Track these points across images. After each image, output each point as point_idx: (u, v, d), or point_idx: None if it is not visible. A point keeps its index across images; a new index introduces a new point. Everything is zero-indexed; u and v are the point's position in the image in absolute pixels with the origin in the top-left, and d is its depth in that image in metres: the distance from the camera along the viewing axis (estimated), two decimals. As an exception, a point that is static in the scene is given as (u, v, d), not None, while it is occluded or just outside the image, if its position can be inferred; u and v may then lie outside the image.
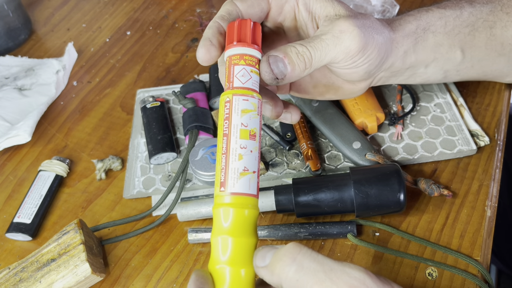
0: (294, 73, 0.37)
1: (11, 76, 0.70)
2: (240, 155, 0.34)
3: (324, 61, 0.39)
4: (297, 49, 0.38)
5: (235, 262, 0.32)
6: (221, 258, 0.33)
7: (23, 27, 0.77)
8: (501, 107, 0.56)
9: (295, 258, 0.30)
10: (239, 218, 0.33)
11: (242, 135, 0.34)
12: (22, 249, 0.52)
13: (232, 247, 0.33)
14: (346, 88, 0.47)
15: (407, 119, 0.55)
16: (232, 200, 0.33)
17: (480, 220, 0.47)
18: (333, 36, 0.39)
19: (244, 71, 0.36)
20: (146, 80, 0.68)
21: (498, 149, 0.52)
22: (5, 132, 0.61)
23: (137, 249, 0.50)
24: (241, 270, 0.32)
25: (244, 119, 0.35)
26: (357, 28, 0.39)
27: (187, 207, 0.50)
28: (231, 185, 0.34)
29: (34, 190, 0.54)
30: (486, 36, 0.47)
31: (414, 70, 0.47)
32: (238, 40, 0.37)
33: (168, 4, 0.81)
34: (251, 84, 0.36)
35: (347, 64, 0.41)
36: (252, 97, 0.35)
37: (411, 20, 0.46)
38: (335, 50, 0.39)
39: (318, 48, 0.38)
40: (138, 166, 0.56)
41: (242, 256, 0.33)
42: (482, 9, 0.47)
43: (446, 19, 0.46)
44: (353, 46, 0.39)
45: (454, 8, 0.47)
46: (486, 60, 0.49)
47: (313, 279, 0.29)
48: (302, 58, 0.37)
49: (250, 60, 0.37)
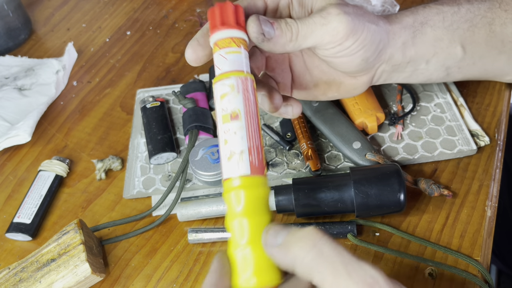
0: (280, 39, 0.38)
1: (11, 76, 0.70)
2: (225, 140, 0.34)
3: (310, 38, 0.39)
4: (286, 20, 0.39)
5: (254, 242, 0.32)
6: (239, 242, 0.32)
7: (23, 27, 0.77)
8: (501, 107, 0.56)
9: (316, 244, 0.29)
10: (234, 201, 0.33)
11: (224, 120, 0.34)
12: (22, 249, 0.52)
13: (249, 227, 0.32)
14: (348, 83, 0.47)
15: (407, 119, 0.55)
16: (226, 185, 0.33)
17: (480, 220, 0.47)
18: (320, 16, 0.40)
19: (219, 57, 0.36)
20: (146, 80, 0.68)
21: (498, 149, 0.52)
22: (5, 132, 0.61)
23: (137, 249, 0.50)
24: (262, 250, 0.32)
25: (224, 104, 0.35)
26: (344, 13, 0.40)
27: (187, 207, 0.50)
28: (224, 171, 0.34)
29: (34, 190, 0.54)
30: (485, 32, 0.47)
31: (416, 65, 0.47)
32: (211, 28, 0.37)
33: (168, 4, 0.81)
34: (228, 66, 0.35)
35: (338, 50, 0.41)
36: (227, 79, 0.35)
37: (408, 14, 0.47)
38: (321, 29, 0.39)
39: (305, 23, 0.39)
40: (138, 166, 0.56)
41: (259, 235, 0.32)
42: (480, 6, 0.47)
43: (444, 15, 0.47)
44: (340, 28, 0.39)
45: (452, 5, 0.48)
46: (487, 57, 0.49)
47: (330, 269, 0.28)
48: (289, 28, 0.38)
49: (224, 42, 0.36)
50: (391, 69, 0.47)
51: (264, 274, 0.31)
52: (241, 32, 0.37)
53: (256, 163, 0.33)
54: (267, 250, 0.31)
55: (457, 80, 0.52)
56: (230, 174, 0.33)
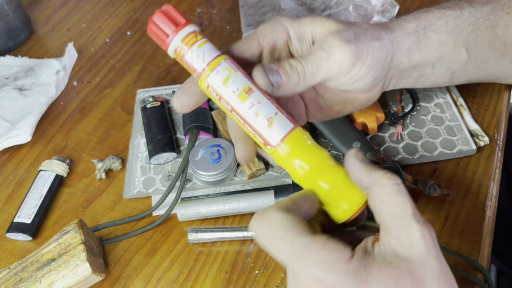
0: (289, 84, 0.37)
1: (11, 76, 0.70)
2: (255, 113, 0.35)
3: (317, 75, 0.39)
4: (290, 62, 0.38)
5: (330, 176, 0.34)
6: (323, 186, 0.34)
7: (23, 27, 0.77)
8: (501, 107, 0.56)
9: (396, 181, 0.31)
10: (302, 150, 0.35)
11: (242, 98, 0.35)
12: (22, 249, 0.52)
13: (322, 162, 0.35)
14: (361, 97, 0.46)
15: (407, 119, 0.55)
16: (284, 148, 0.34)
17: (480, 220, 0.47)
18: (323, 51, 0.39)
19: (195, 52, 0.35)
20: (146, 80, 0.68)
21: (498, 149, 0.52)
22: (5, 132, 0.61)
23: (137, 249, 0.50)
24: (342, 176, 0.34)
25: (231, 86, 0.35)
26: (346, 42, 0.39)
27: (187, 207, 0.50)
28: (271, 138, 0.35)
29: (34, 190, 0.55)
30: (488, 35, 0.47)
31: (422, 70, 0.47)
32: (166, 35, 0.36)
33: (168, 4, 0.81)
34: (209, 55, 0.35)
35: (348, 78, 0.41)
36: (219, 65, 0.35)
37: (410, 20, 0.46)
38: (327, 63, 0.39)
39: (309, 61, 0.38)
40: (138, 166, 0.56)
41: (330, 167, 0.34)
42: (482, 9, 0.47)
43: (447, 19, 0.47)
44: (345, 58, 0.39)
45: (454, 9, 0.47)
46: (491, 60, 0.49)
47: (401, 206, 0.30)
48: (295, 70, 0.37)
49: (190, 39, 0.35)
50: (398, 74, 0.46)
51: (354, 194, 0.34)
52: (194, 26, 0.36)
53: (289, 116, 0.35)
54: (352, 169, 0.33)
55: (461, 83, 0.52)
56: (279, 137, 0.35)
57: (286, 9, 0.70)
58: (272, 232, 0.30)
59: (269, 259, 0.47)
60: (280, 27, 0.41)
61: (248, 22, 0.70)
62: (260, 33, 0.41)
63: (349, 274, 0.28)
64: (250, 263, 0.47)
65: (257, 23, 0.69)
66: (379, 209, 0.31)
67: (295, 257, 0.29)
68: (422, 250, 0.29)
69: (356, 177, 0.33)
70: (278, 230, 0.30)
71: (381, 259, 0.29)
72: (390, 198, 0.31)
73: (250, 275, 0.46)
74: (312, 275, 0.28)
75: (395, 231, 0.30)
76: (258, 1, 0.72)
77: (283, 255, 0.30)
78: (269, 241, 0.30)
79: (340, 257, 0.29)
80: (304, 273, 0.29)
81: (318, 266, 0.28)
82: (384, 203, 0.31)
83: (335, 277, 0.28)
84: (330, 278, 0.28)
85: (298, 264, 0.29)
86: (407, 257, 0.29)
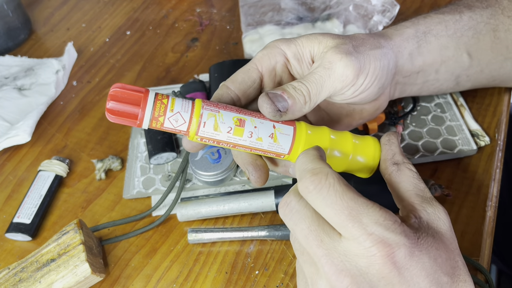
0: (296, 106, 0.37)
1: (10, 76, 0.70)
2: (258, 139, 0.35)
3: (322, 93, 0.38)
4: (293, 85, 0.38)
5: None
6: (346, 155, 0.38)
7: (23, 27, 0.76)
8: (501, 107, 0.56)
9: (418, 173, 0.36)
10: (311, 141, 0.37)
11: (238, 133, 0.35)
12: (21, 249, 0.51)
13: None
14: (369, 107, 0.45)
15: (407, 119, 0.55)
16: (292, 151, 0.36)
17: (481, 220, 0.47)
18: (323, 68, 0.38)
19: (170, 119, 0.34)
20: (146, 80, 0.68)
21: (498, 149, 0.52)
22: (5, 132, 0.61)
23: (137, 249, 0.50)
24: None
25: (223, 128, 0.35)
26: (346, 55, 0.39)
27: (187, 207, 0.50)
28: (283, 149, 0.36)
29: (34, 190, 0.54)
30: (490, 39, 0.47)
31: (426, 76, 0.47)
32: (135, 116, 0.34)
33: (168, 4, 0.81)
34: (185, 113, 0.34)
35: (353, 90, 0.40)
36: (200, 116, 0.34)
37: (408, 26, 0.46)
38: (330, 80, 0.38)
39: (312, 81, 0.38)
40: (138, 166, 0.56)
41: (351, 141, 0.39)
42: (482, 13, 0.47)
43: (446, 23, 0.47)
44: (347, 72, 0.39)
45: (453, 13, 0.47)
46: (494, 64, 0.49)
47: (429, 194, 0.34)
48: (300, 92, 0.37)
49: (157, 108, 0.34)
50: (403, 81, 0.46)
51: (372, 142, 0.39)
52: (150, 91, 0.34)
53: (285, 124, 0.37)
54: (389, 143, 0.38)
55: (466, 89, 0.51)
56: (287, 145, 0.36)
57: (286, 9, 0.70)
58: (333, 189, 0.30)
59: (269, 259, 0.47)
60: (277, 51, 0.41)
61: (248, 22, 0.70)
62: (258, 60, 0.40)
63: (407, 235, 0.29)
64: (250, 263, 0.47)
65: (257, 23, 0.69)
66: (404, 185, 0.34)
67: (356, 214, 0.30)
68: (447, 224, 0.32)
69: (391, 150, 0.37)
70: (338, 187, 0.31)
71: (421, 227, 0.31)
72: (415, 181, 0.34)
73: (250, 275, 0.46)
74: (374, 236, 0.29)
75: (420, 205, 0.33)
76: (258, 1, 0.72)
77: (345, 213, 0.30)
78: (329, 197, 0.30)
79: (396, 220, 0.30)
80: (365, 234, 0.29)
81: (380, 226, 0.29)
82: (409, 181, 0.34)
83: (397, 237, 0.29)
84: (392, 238, 0.29)
85: (361, 223, 0.29)
86: (437, 228, 0.31)
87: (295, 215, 0.32)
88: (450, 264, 0.30)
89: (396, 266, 0.28)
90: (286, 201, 0.33)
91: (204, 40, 0.73)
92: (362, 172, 0.39)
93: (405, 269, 0.29)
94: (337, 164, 0.38)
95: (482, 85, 0.52)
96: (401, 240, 0.29)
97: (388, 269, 0.28)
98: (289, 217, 0.32)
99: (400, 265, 0.29)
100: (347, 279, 0.29)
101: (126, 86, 0.34)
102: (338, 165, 0.38)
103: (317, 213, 0.31)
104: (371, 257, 0.29)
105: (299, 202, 0.32)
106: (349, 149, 0.38)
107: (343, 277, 0.29)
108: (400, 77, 0.46)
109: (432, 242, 0.30)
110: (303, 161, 0.33)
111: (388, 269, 0.28)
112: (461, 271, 0.31)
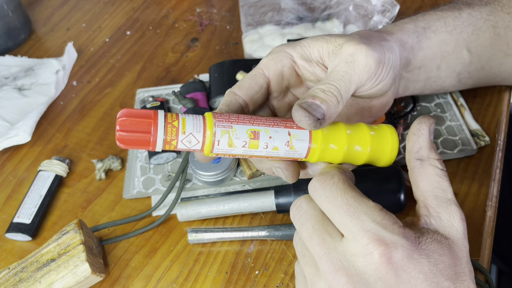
0: (331, 109, 0.35)
1: (10, 76, 0.70)
2: (274, 148, 0.35)
3: (351, 88, 0.38)
4: (321, 88, 0.36)
5: None
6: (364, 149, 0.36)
7: (23, 27, 0.76)
8: (501, 107, 0.56)
9: (445, 169, 0.33)
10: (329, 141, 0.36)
11: (254, 146, 0.34)
12: (21, 249, 0.51)
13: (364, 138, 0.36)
14: (377, 104, 0.45)
15: (407, 119, 0.55)
16: (310, 153, 0.36)
17: (481, 221, 0.47)
18: (346, 62, 0.38)
19: (183, 141, 0.33)
20: (146, 80, 0.68)
21: (498, 149, 0.52)
22: (5, 132, 0.61)
23: (137, 249, 0.50)
24: None
25: (238, 143, 0.34)
26: (364, 45, 0.38)
27: (187, 207, 0.50)
28: (300, 154, 0.35)
29: (34, 190, 0.54)
30: (490, 35, 0.47)
31: (428, 72, 0.47)
32: (147, 142, 0.33)
33: (168, 4, 0.81)
34: (198, 132, 0.34)
35: (374, 80, 0.40)
36: (214, 136, 0.33)
37: (407, 21, 0.47)
38: (356, 73, 0.38)
39: (339, 78, 0.37)
40: (138, 166, 0.56)
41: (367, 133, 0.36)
42: (481, 10, 0.47)
43: (445, 20, 0.47)
44: (370, 61, 0.38)
45: (452, 10, 0.47)
46: (494, 60, 0.49)
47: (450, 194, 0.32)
48: (330, 93, 0.36)
49: (169, 131, 0.33)
50: (406, 75, 0.46)
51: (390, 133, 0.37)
52: (159, 111, 0.34)
53: (298, 128, 0.36)
54: (418, 134, 0.34)
55: (468, 87, 0.51)
56: (304, 150, 0.35)
57: (286, 9, 0.70)
58: (336, 186, 0.31)
59: (269, 259, 0.47)
60: (283, 54, 0.40)
61: (248, 22, 0.70)
62: (264, 66, 0.40)
63: (406, 237, 0.29)
64: (250, 263, 0.47)
65: (257, 23, 0.69)
66: (423, 184, 0.32)
67: (355, 211, 0.30)
68: (460, 231, 0.31)
69: (418, 144, 0.34)
70: (341, 186, 0.31)
71: (428, 233, 0.30)
72: (437, 179, 0.32)
73: (250, 275, 0.46)
74: (370, 233, 0.29)
75: (435, 210, 0.31)
76: (258, 1, 0.72)
77: (344, 209, 0.30)
78: (331, 194, 0.31)
79: (397, 221, 0.30)
80: (362, 231, 0.29)
81: (378, 225, 0.29)
82: (430, 180, 0.32)
83: (394, 237, 0.29)
84: (389, 237, 0.29)
85: (359, 219, 0.29)
86: (447, 235, 0.31)
87: (303, 215, 0.32)
88: (455, 270, 0.30)
89: (393, 267, 0.28)
90: (297, 203, 0.33)
91: (204, 40, 0.73)
92: (382, 163, 0.38)
93: (403, 270, 0.28)
94: (356, 158, 0.37)
95: (484, 82, 0.52)
96: (398, 240, 0.29)
97: (385, 269, 0.28)
98: (297, 218, 0.33)
99: (398, 266, 0.28)
100: (344, 278, 0.29)
101: (133, 113, 0.33)
102: (358, 159, 0.37)
103: (323, 214, 0.32)
104: (368, 256, 0.29)
105: (308, 203, 0.33)
106: (367, 142, 0.37)
107: (340, 276, 0.29)
108: (404, 71, 0.46)
109: (436, 247, 0.30)
110: None
111: (385, 270, 0.28)
112: (466, 277, 0.30)
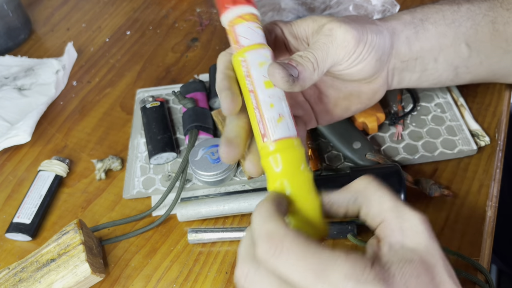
0: (306, 73, 0.37)
1: (10, 76, 0.70)
2: (271, 104, 0.35)
3: (328, 59, 0.39)
4: (299, 54, 0.38)
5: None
6: None
7: (23, 27, 0.76)
8: (501, 107, 0.56)
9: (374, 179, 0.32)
10: (289, 160, 0.34)
11: (267, 85, 0.36)
12: (21, 249, 0.51)
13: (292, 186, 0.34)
14: (366, 90, 0.46)
15: (407, 119, 0.55)
16: (277, 146, 0.34)
17: (481, 220, 0.47)
18: (325, 35, 0.40)
19: (247, 28, 0.37)
20: (146, 80, 0.68)
21: (498, 149, 0.52)
22: (5, 132, 0.61)
23: (137, 249, 0.50)
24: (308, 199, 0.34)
25: (264, 71, 0.36)
26: (343, 23, 0.40)
27: (187, 207, 0.50)
28: (272, 133, 0.35)
29: (34, 190, 0.54)
30: (489, 31, 0.47)
31: (424, 64, 0.47)
32: (230, 2, 0.37)
33: (168, 4, 0.81)
34: (259, 38, 0.37)
35: (353, 59, 0.41)
36: (262, 49, 0.37)
37: (405, 12, 0.47)
38: (333, 47, 0.40)
39: (317, 48, 0.39)
40: (138, 166, 0.56)
41: (306, 189, 0.34)
42: (480, 5, 0.48)
43: (444, 13, 0.47)
44: (348, 37, 0.40)
45: (451, 4, 0.48)
46: (493, 57, 0.49)
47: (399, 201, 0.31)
48: (307, 59, 0.38)
49: (250, 17, 0.37)
50: (401, 66, 0.46)
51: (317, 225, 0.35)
52: (257, 11, 0.38)
53: (294, 125, 0.36)
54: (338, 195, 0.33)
55: (466, 82, 0.51)
56: (282, 135, 0.35)
57: (286, 9, 0.70)
58: (292, 251, 0.28)
59: (269, 259, 0.47)
60: (276, 28, 0.43)
61: (248, 22, 0.69)
62: None
63: (381, 279, 0.27)
64: (250, 263, 0.47)
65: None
66: (371, 210, 0.31)
67: (322, 272, 0.27)
68: (425, 236, 0.29)
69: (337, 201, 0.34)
70: (296, 249, 0.28)
71: (396, 257, 0.29)
72: (379, 194, 0.31)
73: (250, 275, 0.46)
74: None
75: (395, 223, 0.30)
76: (258, 1, 0.72)
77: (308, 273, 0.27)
78: (292, 264, 0.28)
79: (366, 265, 0.27)
80: None
81: (350, 279, 0.27)
82: (373, 201, 0.31)
83: (371, 287, 0.26)
84: None
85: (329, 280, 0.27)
86: (415, 247, 0.29)
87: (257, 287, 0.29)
88: (433, 283, 0.28)
89: None
90: (243, 271, 0.29)
91: (204, 40, 0.73)
92: None
93: None
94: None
95: (483, 79, 0.52)
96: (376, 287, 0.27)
97: None
98: None
99: None
100: None
101: None
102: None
103: (280, 280, 0.28)
104: None
105: (258, 271, 0.29)
106: None
107: None
108: (397, 61, 0.46)
109: (410, 269, 0.28)
110: (258, 221, 0.30)
111: None
112: (447, 283, 0.28)
